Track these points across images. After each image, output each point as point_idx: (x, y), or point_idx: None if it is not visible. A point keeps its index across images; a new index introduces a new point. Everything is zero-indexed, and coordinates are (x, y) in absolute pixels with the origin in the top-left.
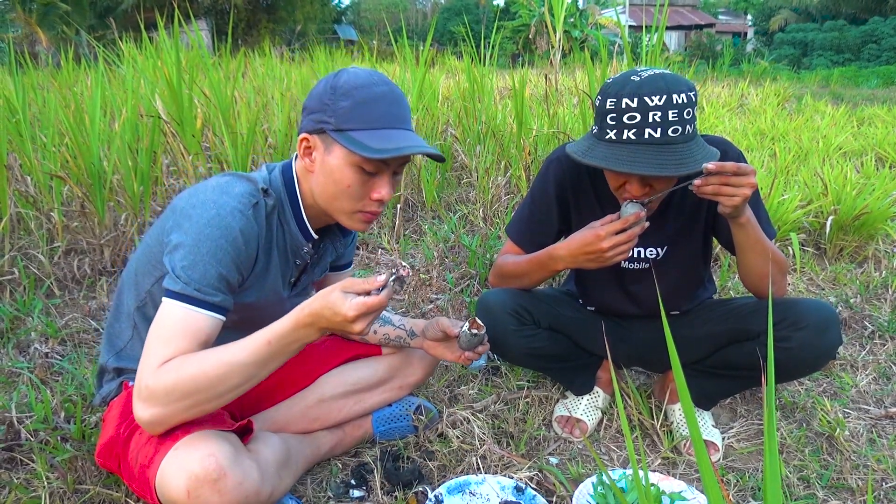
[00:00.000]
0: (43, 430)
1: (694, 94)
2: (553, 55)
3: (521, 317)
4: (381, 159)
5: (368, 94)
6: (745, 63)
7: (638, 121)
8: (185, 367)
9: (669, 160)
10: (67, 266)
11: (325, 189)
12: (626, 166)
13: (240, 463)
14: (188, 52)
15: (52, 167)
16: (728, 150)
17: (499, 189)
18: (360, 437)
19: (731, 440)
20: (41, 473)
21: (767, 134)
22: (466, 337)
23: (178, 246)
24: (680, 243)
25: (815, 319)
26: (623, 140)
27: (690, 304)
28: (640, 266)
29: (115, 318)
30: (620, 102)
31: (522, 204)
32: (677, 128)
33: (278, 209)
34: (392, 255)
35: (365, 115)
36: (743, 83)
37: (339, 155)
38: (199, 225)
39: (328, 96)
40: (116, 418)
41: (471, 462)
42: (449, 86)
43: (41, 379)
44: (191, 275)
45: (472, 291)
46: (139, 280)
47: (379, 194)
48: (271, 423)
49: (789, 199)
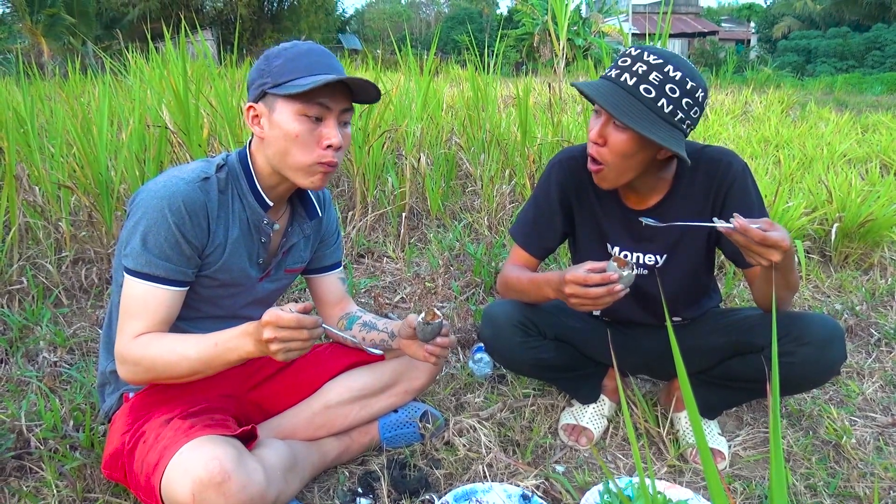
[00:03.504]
0: (52, 439)
1: (693, 86)
2: (557, 63)
3: (526, 329)
4: (322, 102)
5: (298, 50)
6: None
7: (626, 65)
8: (149, 348)
9: (623, 105)
10: (75, 275)
11: (277, 148)
12: (588, 88)
13: (244, 466)
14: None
15: (60, 177)
16: (732, 163)
17: (503, 197)
18: (366, 444)
19: (737, 448)
20: (50, 482)
21: (771, 141)
22: (420, 327)
23: (129, 225)
24: (680, 252)
25: (820, 335)
26: (607, 76)
27: (695, 312)
28: (639, 271)
29: (109, 323)
30: (628, 50)
31: (526, 207)
32: (650, 89)
33: (233, 183)
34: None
35: (298, 67)
36: (746, 90)
37: (282, 109)
38: (145, 202)
39: (262, 63)
40: (121, 429)
41: (477, 470)
42: (453, 94)
43: (50, 388)
44: (143, 249)
45: (477, 299)
46: (119, 279)
47: (328, 139)
48: (278, 431)
49: (794, 206)
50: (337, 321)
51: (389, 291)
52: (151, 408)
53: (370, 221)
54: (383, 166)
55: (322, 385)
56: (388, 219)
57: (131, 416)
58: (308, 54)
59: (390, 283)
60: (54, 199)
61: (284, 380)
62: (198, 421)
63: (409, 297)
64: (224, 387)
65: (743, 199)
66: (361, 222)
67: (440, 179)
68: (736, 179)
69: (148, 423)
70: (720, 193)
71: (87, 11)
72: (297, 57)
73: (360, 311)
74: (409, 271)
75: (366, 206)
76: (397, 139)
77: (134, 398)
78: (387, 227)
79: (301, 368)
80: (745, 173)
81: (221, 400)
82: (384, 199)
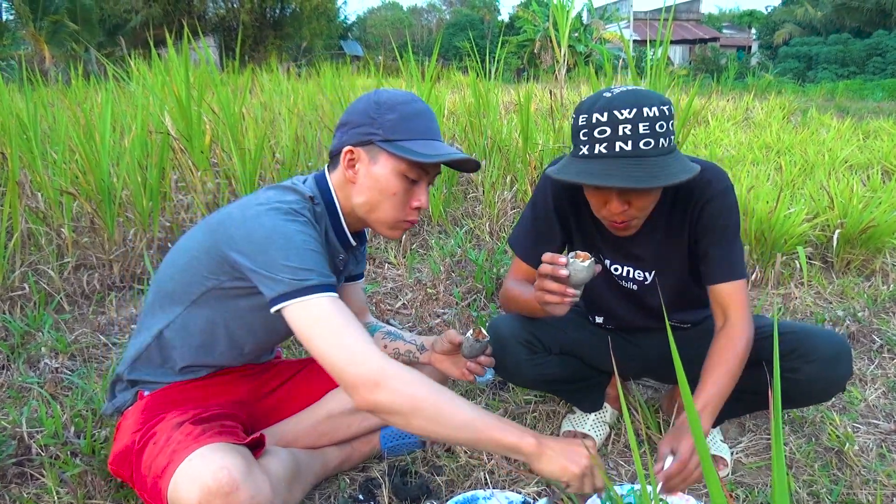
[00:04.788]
0: (53, 445)
1: (667, 108)
2: (558, 70)
3: (532, 346)
4: (423, 167)
5: (412, 109)
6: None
7: (608, 134)
8: (435, 386)
9: (641, 173)
10: (77, 281)
11: (368, 199)
12: (596, 179)
13: (252, 477)
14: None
15: (63, 183)
16: (712, 182)
17: (505, 203)
18: (368, 453)
19: (739, 455)
20: (51, 488)
21: (773, 147)
22: (469, 343)
23: (264, 257)
24: (666, 268)
25: (827, 353)
26: (595, 154)
27: (695, 317)
28: (630, 286)
29: (139, 330)
30: (591, 118)
31: (524, 217)
32: (649, 140)
33: (325, 217)
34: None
35: (410, 127)
36: (748, 97)
37: (385, 164)
38: (276, 232)
39: (373, 110)
40: (132, 426)
41: (479, 477)
42: (454, 101)
43: (51, 394)
44: (306, 266)
45: (478, 306)
46: (178, 290)
47: (419, 202)
48: (280, 438)
49: (795, 212)
50: None
51: (391, 297)
52: (165, 408)
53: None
54: None
55: (326, 394)
56: None
57: (144, 415)
58: (422, 116)
59: (391, 290)
60: (56, 206)
61: (294, 387)
62: (209, 427)
63: (411, 304)
64: (238, 392)
65: (712, 224)
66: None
67: (441, 185)
68: (711, 200)
69: (160, 424)
70: (695, 212)
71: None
72: (412, 117)
73: (380, 322)
74: (410, 277)
75: None
76: None
77: (149, 397)
78: None
79: (309, 376)
80: (724, 195)
81: (234, 406)
82: None
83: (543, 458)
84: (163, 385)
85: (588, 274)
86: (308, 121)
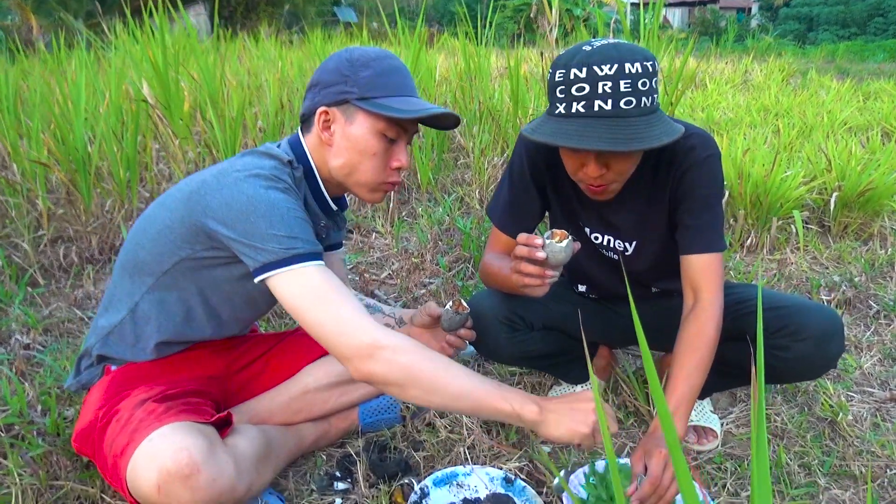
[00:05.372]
0: (18, 424)
1: (652, 64)
2: (549, 32)
3: (513, 323)
4: (401, 125)
5: (387, 65)
6: (749, 39)
7: (587, 92)
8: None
9: (621, 134)
10: (54, 254)
11: (347, 161)
12: (573, 141)
13: (215, 458)
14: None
15: (38, 154)
16: (696, 147)
17: (495, 170)
18: (345, 429)
19: (729, 426)
20: (13, 470)
21: (771, 110)
22: (448, 316)
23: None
24: (647, 238)
25: (818, 331)
26: (572, 114)
27: (679, 286)
28: (611, 255)
29: (109, 302)
30: (569, 73)
31: (500, 184)
32: (631, 99)
33: (303, 182)
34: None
35: (386, 84)
36: (747, 59)
37: (362, 123)
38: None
39: (346, 68)
40: (97, 402)
41: (459, 452)
42: (448, 66)
43: (22, 371)
44: (292, 234)
45: (465, 275)
46: (149, 261)
47: (399, 162)
48: (254, 414)
49: (792, 175)
50: None
51: (376, 267)
52: (132, 383)
53: None
54: None
55: (302, 368)
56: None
57: (109, 391)
58: (398, 72)
59: (378, 259)
60: (32, 177)
61: (268, 362)
62: (173, 405)
63: (396, 274)
64: (211, 367)
65: (691, 191)
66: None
67: (430, 152)
68: (692, 167)
69: (124, 402)
70: (675, 178)
71: None
72: (387, 73)
73: (360, 295)
74: (397, 246)
75: None
76: None
77: (116, 371)
78: None
79: (285, 350)
80: (708, 162)
81: (205, 381)
82: None
83: (549, 425)
84: (131, 362)
85: (567, 254)
86: (296, 87)
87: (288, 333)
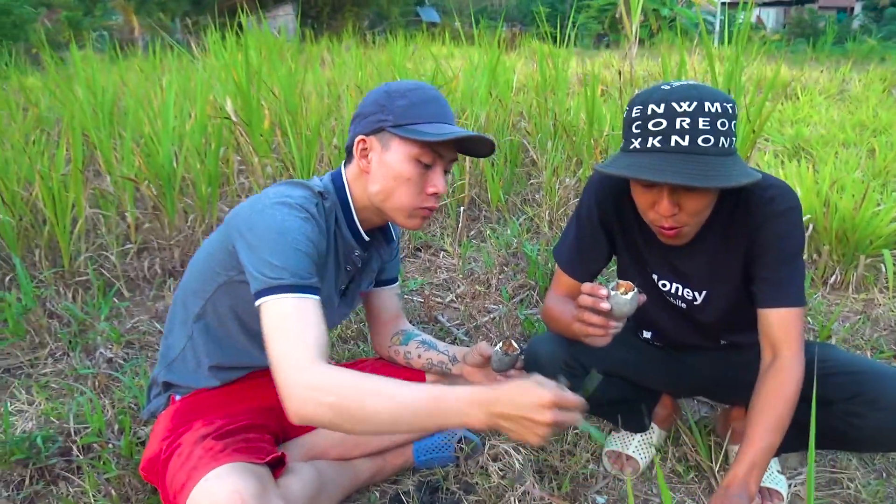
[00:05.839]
0: (97, 443)
1: (731, 107)
2: (629, 46)
3: (572, 369)
4: (437, 151)
5: (422, 95)
6: (849, 42)
7: (664, 127)
8: (352, 378)
9: (697, 170)
10: (139, 266)
11: (383, 187)
12: (646, 173)
13: (266, 501)
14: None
15: (124, 170)
16: (775, 200)
17: (567, 191)
18: (400, 466)
19: (798, 487)
20: (88, 491)
21: (868, 126)
22: (498, 357)
23: (255, 251)
24: (718, 289)
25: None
26: (647, 148)
27: (748, 339)
28: (678, 304)
29: (170, 331)
30: (647, 109)
31: (568, 227)
32: (709, 137)
33: (334, 212)
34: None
35: (421, 112)
36: (845, 66)
37: (397, 150)
38: (272, 227)
39: (384, 99)
40: (161, 433)
41: (510, 501)
42: (528, 72)
43: (104, 385)
44: (284, 265)
45: (530, 303)
46: (198, 288)
47: (435, 187)
48: (311, 447)
49: (884, 210)
50: (391, 337)
51: (442, 290)
52: (194, 415)
53: None
54: None
55: None
56: (448, 211)
57: (173, 422)
58: (434, 102)
59: (444, 281)
60: (122, 190)
61: None
62: (230, 443)
63: (461, 298)
64: (268, 398)
65: (770, 244)
66: None
67: (503, 168)
68: (771, 218)
69: (185, 435)
70: (752, 230)
71: None
72: (423, 103)
73: (416, 329)
74: (463, 268)
75: None
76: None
77: (180, 402)
78: (444, 219)
79: None
80: (788, 214)
81: (263, 413)
82: None
83: (502, 430)
84: (194, 389)
85: (632, 307)
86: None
87: (348, 366)
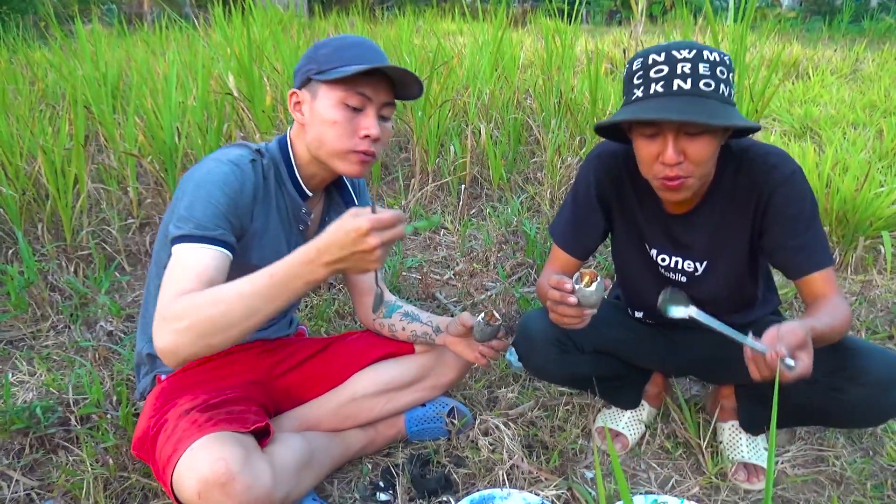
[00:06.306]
0: (95, 414)
1: (728, 59)
2: (635, 24)
3: (563, 345)
4: (363, 93)
5: (345, 42)
6: (866, 20)
7: (665, 73)
8: (195, 298)
9: (701, 109)
10: (141, 240)
11: (315, 134)
12: (651, 113)
13: (250, 466)
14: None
15: (127, 146)
16: (778, 166)
17: (569, 169)
18: (392, 437)
19: (784, 465)
20: (86, 459)
21: (879, 106)
22: (480, 327)
23: (178, 202)
24: (721, 259)
25: (879, 376)
26: (650, 95)
27: (745, 318)
28: (677, 277)
29: (147, 303)
30: (647, 59)
31: (564, 204)
32: (710, 82)
33: (274, 171)
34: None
35: (343, 55)
36: (860, 45)
37: (324, 96)
38: (194, 180)
39: (310, 51)
40: (149, 412)
41: (499, 474)
42: (535, 49)
43: (104, 357)
44: (190, 215)
45: (527, 281)
46: (164, 258)
47: (366, 129)
48: (302, 421)
49: (886, 191)
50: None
51: (441, 267)
52: (179, 392)
53: (430, 191)
54: (447, 133)
55: (350, 376)
56: (450, 189)
57: (160, 400)
58: (356, 45)
59: (443, 258)
60: (124, 165)
61: (314, 368)
62: (215, 415)
63: (459, 276)
64: (253, 373)
65: (784, 211)
66: (421, 192)
67: (506, 145)
68: (779, 186)
69: (172, 411)
70: (761, 201)
71: None
72: (345, 47)
73: (399, 301)
74: (463, 246)
75: (426, 176)
76: (461, 105)
77: (165, 381)
78: (447, 197)
79: (331, 357)
80: (794, 179)
81: (249, 387)
82: (446, 168)
83: (344, 273)
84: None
85: (598, 296)
86: None
87: (336, 339)
